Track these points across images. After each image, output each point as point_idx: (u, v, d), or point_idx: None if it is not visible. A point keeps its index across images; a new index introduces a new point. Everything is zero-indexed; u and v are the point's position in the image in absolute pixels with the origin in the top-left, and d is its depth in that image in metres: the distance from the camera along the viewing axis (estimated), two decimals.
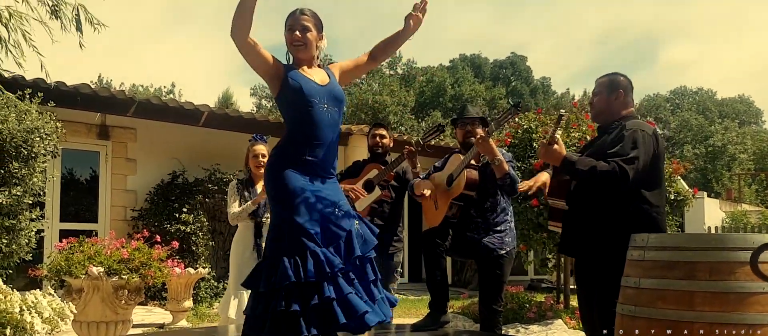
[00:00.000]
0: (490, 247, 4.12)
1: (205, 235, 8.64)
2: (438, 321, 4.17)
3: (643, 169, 3.18)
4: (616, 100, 3.42)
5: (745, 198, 24.67)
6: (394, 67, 36.38)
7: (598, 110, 3.47)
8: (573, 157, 3.32)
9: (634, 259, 2.62)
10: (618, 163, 3.13)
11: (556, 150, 3.31)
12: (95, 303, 4.68)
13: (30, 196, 5.37)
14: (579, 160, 3.27)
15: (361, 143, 9.89)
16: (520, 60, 37.06)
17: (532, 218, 6.21)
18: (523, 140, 6.54)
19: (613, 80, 3.45)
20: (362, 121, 22.92)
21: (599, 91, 3.47)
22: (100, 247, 4.81)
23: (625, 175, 3.12)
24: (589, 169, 3.19)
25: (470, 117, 4.34)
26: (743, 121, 41.63)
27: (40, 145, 5.35)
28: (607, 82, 3.46)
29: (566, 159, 3.28)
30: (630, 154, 3.16)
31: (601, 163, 3.17)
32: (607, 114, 3.44)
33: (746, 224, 16.87)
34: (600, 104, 3.46)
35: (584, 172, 3.21)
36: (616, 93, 3.42)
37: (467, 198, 4.13)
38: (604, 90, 3.45)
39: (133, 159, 9.29)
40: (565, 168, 3.30)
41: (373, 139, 4.88)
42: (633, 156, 3.16)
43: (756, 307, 2.28)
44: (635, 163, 3.15)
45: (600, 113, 3.47)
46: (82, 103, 8.11)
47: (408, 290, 11.13)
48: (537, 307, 6.17)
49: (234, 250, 4.86)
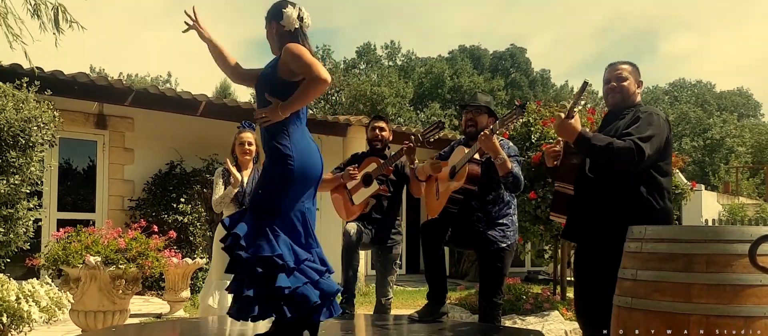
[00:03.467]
0: (492, 239, 4.11)
1: (202, 225, 8.64)
2: (436, 312, 4.18)
3: (657, 150, 3.15)
4: (638, 87, 3.42)
5: (743, 191, 24.70)
6: (393, 58, 36.32)
7: (624, 96, 3.38)
8: (588, 132, 3.26)
9: (631, 250, 2.62)
10: (634, 141, 3.08)
11: (571, 124, 3.22)
12: (92, 292, 4.69)
13: (27, 185, 5.36)
14: (594, 136, 3.21)
15: (360, 135, 9.87)
16: (519, 52, 36.98)
17: (530, 210, 6.21)
18: (522, 133, 6.53)
19: (636, 68, 3.44)
20: (360, 112, 22.88)
21: (625, 77, 3.39)
22: (98, 237, 4.82)
23: (641, 152, 3.07)
24: (605, 145, 3.12)
25: (474, 105, 4.31)
26: (742, 114, 41.64)
27: (37, 134, 5.33)
28: (634, 70, 3.42)
29: (582, 134, 3.20)
30: (646, 133, 3.12)
31: (616, 140, 3.12)
32: (629, 101, 3.39)
33: (744, 217, 16.90)
34: (627, 90, 3.38)
35: (600, 148, 3.14)
36: (639, 81, 3.42)
37: (468, 191, 4.13)
38: (631, 76, 3.40)
39: (131, 149, 9.27)
40: (581, 144, 3.23)
41: (372, 132, 4.86)
42: (649, 134, 3.12)
43: (752, 299, 2.29)
44: (651, 142, 3.11)
45: (624, 100, 3.39)
46: (80, 92, 8.08)
47: (406, 282, 11.15)
48: (534, 298, 6.18)
49: (217, 239, 4.76)
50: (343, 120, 10.42)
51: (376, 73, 33.01)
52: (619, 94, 3.39)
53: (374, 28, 64.15)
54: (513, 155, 4.11)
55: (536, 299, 6.16)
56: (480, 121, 4.23)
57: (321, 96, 24.60)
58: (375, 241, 4.70)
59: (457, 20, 61.66)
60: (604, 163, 3.22)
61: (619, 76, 3.40)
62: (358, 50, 36.97)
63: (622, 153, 3.09)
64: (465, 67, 33.54)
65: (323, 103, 26.55)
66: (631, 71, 3.42)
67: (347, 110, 24.44)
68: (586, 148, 3.23)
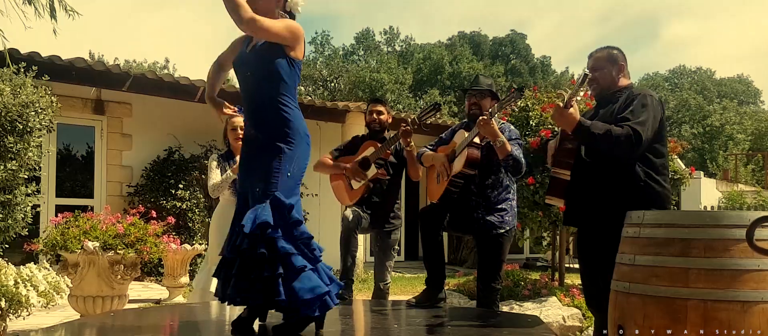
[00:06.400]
0: (491, 225, 4.11)
1: (201, 211, 8.64)
2: (435, 298, 4.19)
3: (653, 133, 3.19)
4: (619, 72, 3.43)
5: (742, 178, 24.71)
6: (392, 44, 36.20)
7: (604, 85, 3.43)
8: (587, 121, 3.28)
9: (629, 236, 2.62)
10: (631, 126, 3.13)
11: (570, 113, 3.25)
12: (91, 278, 4.69)
13: (25, 170, 5.35)
14: (593, 125, 3.23)
15: (359, 120, 9.84)
16: (519, 38, 36.85)
17: (528, 196, 6.20)
18: (520, 118, 6.51)
19: (612, 53, 3.45)
20: (359, 98, 22.84)
21: (601, 66, 3.43)
22: (96, 222, 4.82)
23: (639, 137, 3.11)
24: (604, 132, 3.16)
25: (479, 89, 4.30)
26: (742, 101, 41.59)
27: (35, 120, 5.31)
28: (608, 56, 3.45)
29: (581, 123, 3.24)
30: (641, 117, 3.16)
31: (614, 127, 3.16)
32: (612, 87, 3.43)
33: (742, 204, 16.91)
34: (606, 79, 3.43)
35: (600, 135, 3.17)
36: (618, 66, 3.43)
37: (468, 176, 4.12)
38: (607, 64, 3.43)
39: (129, 134, 9.26)
40: (580, 132, 3.26)
41: (370, 116, 4.86)
42: (643, 119, 3.16)
43: (750, 284, 2.29)
44: (647, 125, 3.15)
45: (606, 88, 3.44)
46: (77, 77, 8.05)
47: (405, 268, 11.17)
48: (532, 284, 6.18)
49: (215, 223, 4.73)
50: (341, 106, 10.40)
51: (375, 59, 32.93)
52: (595, 84, 3.46)
53: (373, 14, 63.93)
54: (514, 138, 4.11)
55: (534, 285, 6.17)
56: (484, 104, 4.22)
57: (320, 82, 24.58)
58: (373, 225, 4.70)
59: (456, 6, 61.46)
60: (604, 150, 3.23)
61: (594, 65, 3.46)
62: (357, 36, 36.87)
63: (621, 139, 3.13)
64: (464, 54, 33.43)
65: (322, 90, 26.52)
66: (607, 57, 3.44)
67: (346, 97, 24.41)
68: (586, 136, 3.25)
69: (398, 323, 3.79)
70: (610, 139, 3.14)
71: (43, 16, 5.18)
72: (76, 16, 5.17)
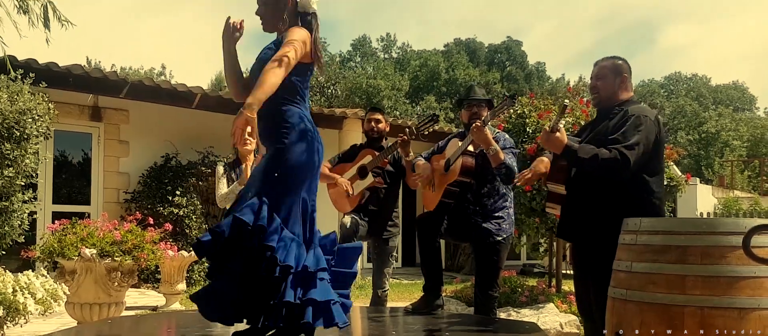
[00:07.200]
0: (488, 232, 4.12)
1: (198, 218, 8.63)
2: (432, 304, 4.19)
3: (645, 154, 3.17)
4: (621, 84, 3.39)
5: (738, 184, 24.78)
6: (388, 50, 36.26)
7: (605, 96, 3.40)
8: (574, 145, 3.28)
9: (626, 243, 2.63)
10: (619, 150, 3.11)
11: (557, 138, 3.26)
12: (88, 285, 4.69)
13: (22, 177, 5.35)
14: (580, 148, 3.24)
15: (356, 127, 9.87)
16: (515, 45, 36.99)
17: (525, 203, 6.22)
18: (517, 125, 6.54)
19: (618, 64, 3.41)
20: (356, 104, 22.88)
21: (604, 76, 3.39)
22: (93, 229, 4.81)
23: (626, 162, 3.10)
24: (591, 157, 3.16)
25: (477, 99, 4.31)
26: (737, 108, 41.75)
27: (32, 126, 5.31)
28: (612, 66, 3.40)
29: (568, 147, 3.25)
30: (631, 140, 3.13)
31: (602, 151, 3.15)
32: (612, 99, 3.39)
33: (738, 210, 16.95)
34: (606, 89, 3.39)
35: (586, 160, 3.17)
36: (621, 77, 3.39)
37: (463, 184, 4.14)
38: (610, 74, 3.39)
39: (126, 141, 9.25)
40: (567, 156, 3.27)
41: (368, 124, 4.87)
42: (634, 142, 3.13)
43: (746, 290, 2.30)
44: (636, 149, 3.12)
45: (605, 99, 3.40)
46: (74, 84, 8.06)
47: (402, 274, 11.17)
48: (529, 291, 6.19)
49: None
50: (339, 113, 10.41)
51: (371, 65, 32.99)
52: (596, 93, 3.43)
53: (370, 20, 64.05)
54: (508, 147, 4.13)
55: (532, 292, 6.17)
56: (483, 113, 4.23)
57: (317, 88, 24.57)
58: (371, 232, 4.70)
59: (453, 13, 61.64)
60: (592, 173, 3.24)
61: (596, 74, 3.43)
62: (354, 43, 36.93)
63: (608, 164, 3.12)
64: (460, 61, 33.55)
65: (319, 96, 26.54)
66: (611, 68, 3.40)
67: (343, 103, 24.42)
68: (573, 159, 3.27)
69: (396, 330, 3.79)
70: (596, 163, 3.15)
71: (36, 25, 5.18)
72: (72, 27, 5.16)
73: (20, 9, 5.01)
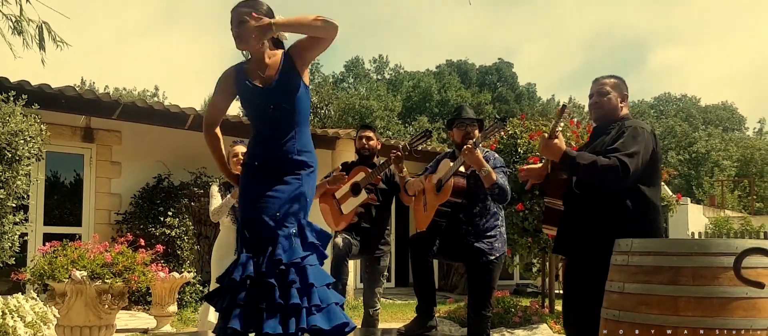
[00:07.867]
0: (480, 252, 4.13)
1: (190, 239, 8.59)
2: (425, 325, 4.18)
3: (643, 164, 3.17)
4: (622, 101, 3.42)
5: (728, 204, 24.90)
6: (381, 72, 36.44)
7: (607, 111, 3.41)
8: (572, 152, 3.29)
9: (618, 263, 2.63)
10: (619, 158, 3.11)
11: (555, 144, 3.26)
12: (78, 307, 4.64)
13: (13, 199, 5.32)
14: (579, 155, 3.24)
15: (349, 147, 9.87)
16: (506, 66, 37.26)
17: (518, 222, 6.24)
18: (508, 146, 6.58)
19: (621, 81, 3.45)
20: (349, 125, 22.92)
21: (607, 92, 3.41)
22: (84, 251, 4.78)
23: (626, 169, 3.09)
24: (590, 163, 3.15)
25: (469, 118, 4.33)
26: (727, 128, 42.08)
27: (24, 148, 5.30)
28: (616, 84, 3.43)
29: (566, 153, 3.24)
30: (631, 148, 3.14)
31: (601, 158, 3.15)
32: (613, 114, 3.41)
33: (729, 230, 17.02)
34: (609, 105, 3.40)
35: (585, 166, 3.16)
36: (622, 94, 3.43)
37: (455, 204, 4.14)
38: (615, 91, 3.41)
39: (118, 162, 9.22)
40: (565, 163, 3.26)
41: (359, 142, 4.89)
42: (634, 151, 3.14)
43: (739, 311, 2.30)
44: (636, 158, 3.13)
45: (607, 114, 3.41)
46: (67, 105, 8.03)
47: (395, 295, 11.12)
48: (522, 311, 6.19)
49: (216, 252, 4.81)
50: (331, 133, 10.44)
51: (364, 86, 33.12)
52: (600, 108, 3.43)
53: (363, 42, 64.40)
54: (499, 167, 4.15)
55: (525, 312, 6.17)
56: (474, 133, 4.25)
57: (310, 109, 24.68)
58: (363, 251, 4.70)
59: (444, 35, 62.08)
60: (590, 181, 3.24)
61: (600, 90, 3.43)
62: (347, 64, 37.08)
63: (607, 171, 3.12)
64: (452, 82, 33.75)
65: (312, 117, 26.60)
66: (613, 85, 3.43)
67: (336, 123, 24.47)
68: (572, 167, 3.26)
69: None
70: (595, 170, 3.14)
71: (31, 46, 5.17)
72: (67, 48, 5.15)
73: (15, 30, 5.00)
